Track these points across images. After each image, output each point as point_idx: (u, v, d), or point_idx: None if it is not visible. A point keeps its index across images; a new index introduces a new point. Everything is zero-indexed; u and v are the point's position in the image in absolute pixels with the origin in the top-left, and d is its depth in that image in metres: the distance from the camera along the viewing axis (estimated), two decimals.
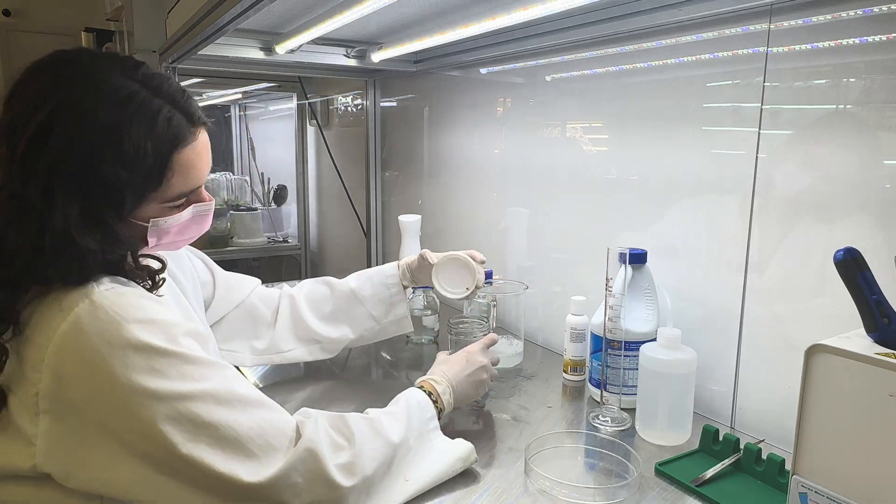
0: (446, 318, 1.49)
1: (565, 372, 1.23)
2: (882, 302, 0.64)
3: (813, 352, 0.64)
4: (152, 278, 0.78)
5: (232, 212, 2.91)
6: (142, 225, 0.76)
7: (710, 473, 0.86)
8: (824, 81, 0.91)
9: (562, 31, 1.25)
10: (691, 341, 1.01)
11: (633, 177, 1.22)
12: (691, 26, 1.07)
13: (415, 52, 1.61)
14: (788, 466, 0.70)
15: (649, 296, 1.08)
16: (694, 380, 0.97)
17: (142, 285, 0.76)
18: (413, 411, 0.87)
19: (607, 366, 1.06)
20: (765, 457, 0.86)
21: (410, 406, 0.87)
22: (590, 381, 1.16)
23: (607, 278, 1.02)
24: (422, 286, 1.26)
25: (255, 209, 2.96)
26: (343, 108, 2.45)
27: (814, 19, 0.90)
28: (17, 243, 0.67)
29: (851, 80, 0.88)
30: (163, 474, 0.66)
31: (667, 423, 0.98)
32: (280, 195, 3.00)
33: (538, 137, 1.46)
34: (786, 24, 0.93)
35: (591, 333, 1.14)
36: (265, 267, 3.24)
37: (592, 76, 1.30)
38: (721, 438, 0.92)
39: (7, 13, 3.36)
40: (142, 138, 0.70)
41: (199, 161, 0.78)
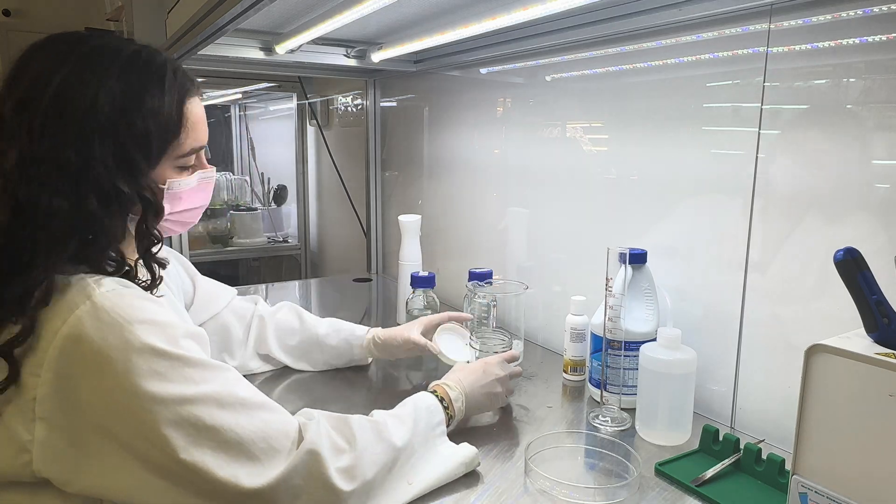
0: None
1: (565, 372, 1.23)
2: (882, 302, 0.64)
3: (813, 352, 0.64)
4: (152, 276, 0.79)
5: (232, 212, 2.91)
6: (160, 189, 0.79)
7: (710, 473, 0.86)
8: (824, 81, 0.91)
9: (562, 31, 1.25)
10: (691, 341, 1.01)
11: (633, 177, 1.22)
12: (691, 26, 1.07)
13: (415, 52, 1.61)
14: (788, 466, 0.70)
15: (649, 296, 1.08)
16: (694, 380, 0.97)
17: (140, 284, 0.76)
18: (420, 415, 0.86)
19: (607, 366, 1.06)
20: (765, 457, 0.86)
21: (418, 409, 0.87)
22: (590, 381, 1.16)
23: (607, 278, 1.02)
24: (384, 358, 1.27)
25: (255, 209, 2.96)
26: (343, 108, 2.44)
27: (814, 19, 0.90)
28: (56, 205, 0.67)
29: (851, 80, 0.88)
30: (163, 479, 0.66)
31: (667, 423, 0.98)
32: (280, 195, 3.00)
33: (538, 137, 1.46)
34: (786, 24, 0.93)
35: (591, 333, 1.14)
36: (265, 267, 3.24)
37: (592, 76, 1.30)
38: (721, 438, 0.92)
39: (7, 13, 3.36)
40: (158, 87, 0.75)
41: (203, 118, 0.82)
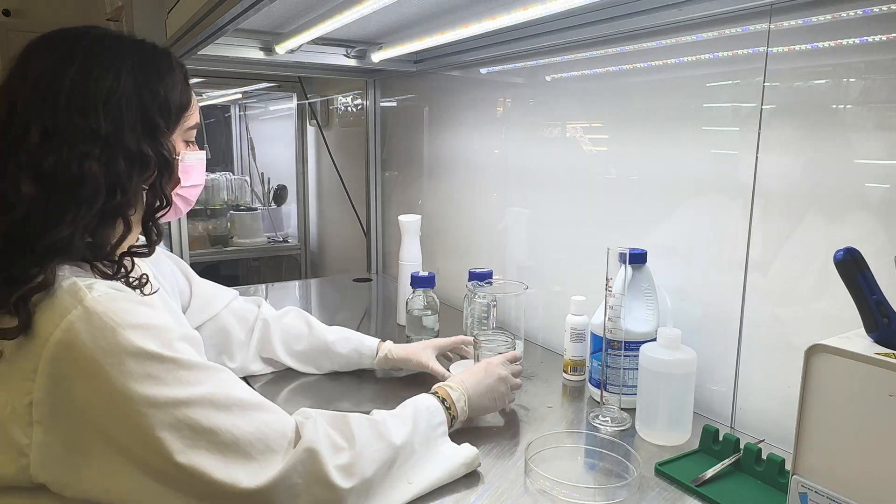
0: (446, 318, 1.50)
1: (565, 372, 1.23)
2: (882, 302, 0.64)
3: (813, 352, 0.64)
4: (149, 240, 0.81)
5: (232, 212, 2.91)
6: (175, 158, 0.82)
7: (710, 473, 0.86)
8: (824, 81, 0.91)
9: (562, 31, 1.25)
10: (691, 341, 1.01)
11: (633, 177, 1.22)
12: (691, 26, 1.07)
13: (415, 52, 1.61)
14: (788, 466, 0.70)
15: (649, 296, 1.08)
16: (694, 380, 0.97)
17: (132, 282, 0.76)
18: (420, 415, 0.86)
19: (607, 366, 1.06)
20: (765, 457, 0.86)
21: (418, 410, 0.87)
22: (590, 381, 1.16)
23: (607, 278, 1.02)
24: (397, 368, 1.27)
25: (255, 209, 2.96)
26: (343, 108, 2.44)
27: (814, 19, 0.90)
28: (86, 168, 0.70)
29: (851, 80, 0.88)
30: (161, 483, 0.65)
31: (667, 423, 0.98)
32: (280, 195, 3.00)
33: (538, 137, 1.46)
34: (786, 24, 0.93)
35: (591, 333, 1.14)
36: (265, 267, 3.24)
37: (592, 76, 1.30)
38: (721, 438, 0.92)
39: (7, 13, 3.36)
40: (167, 64, 0.81)
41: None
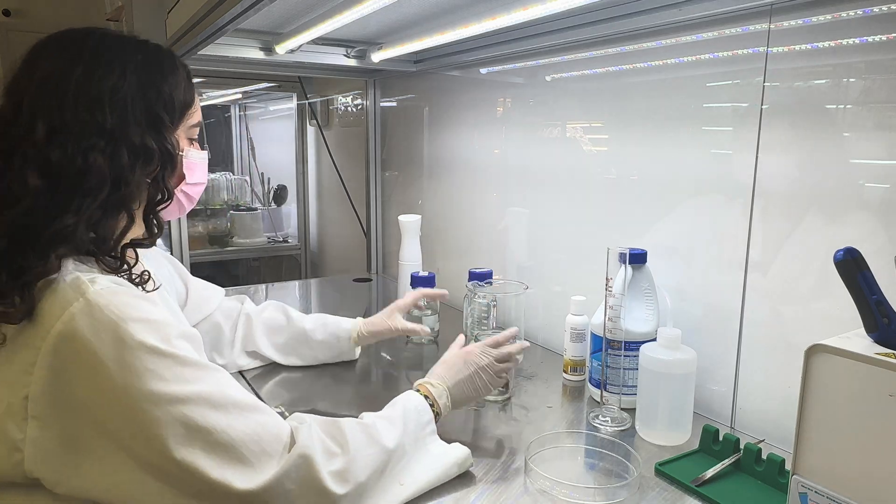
0: (446, 317, 1.50)
1: (565, 372, 1.23)
2: (882, 302, 0.64)
3: (813, 352, 0.64)
4: (150, 233, 0.83)
5: (232, 212, 2.91)
6: (179, 155, 0.84)
7: (710, 473, 0.86)
8: (824, 81, 0.91)
9: (561, 31, 1.25)
10: (691, 341, 1.01)
11: (633, 177, 1.22)
12: (691, 26, 1.07)
13: (415, 52, 1.61)
14: (788, 466, 0.70)
15: (649, 296, 1.08)
16: (694, 380, 0.97)
17: (134, 278, 0.76)
18: (410, 416, 0.86)
19: (607, 366, 1.06)
20: (765, 457, 0.86)
21: (407, 410, 0.86)
22: (590, 381, 1.16)
23: (607, 278, 1.02)
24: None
25: (255, 209, 2.96)
26: (343, 108, 2.44)
27: (814, 19, 0.90)
28: (91, 160, 0.71)
29: (851, 80, 0.88)
30: (160, 479, 0.65)
31: (667, 423, 0.98)
32: (280, 195, 3.00)
33: (538, 137, 1.46)
34: (786, 24, 0.93)
35: (591, 333, 1.14)
36: (265, 267, 3.24)
37: (592, 76, 1.30)
38: (721, 438, 0.92)
39: (7, 13, 3.36)
40: (171, 62, 0.82)
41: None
